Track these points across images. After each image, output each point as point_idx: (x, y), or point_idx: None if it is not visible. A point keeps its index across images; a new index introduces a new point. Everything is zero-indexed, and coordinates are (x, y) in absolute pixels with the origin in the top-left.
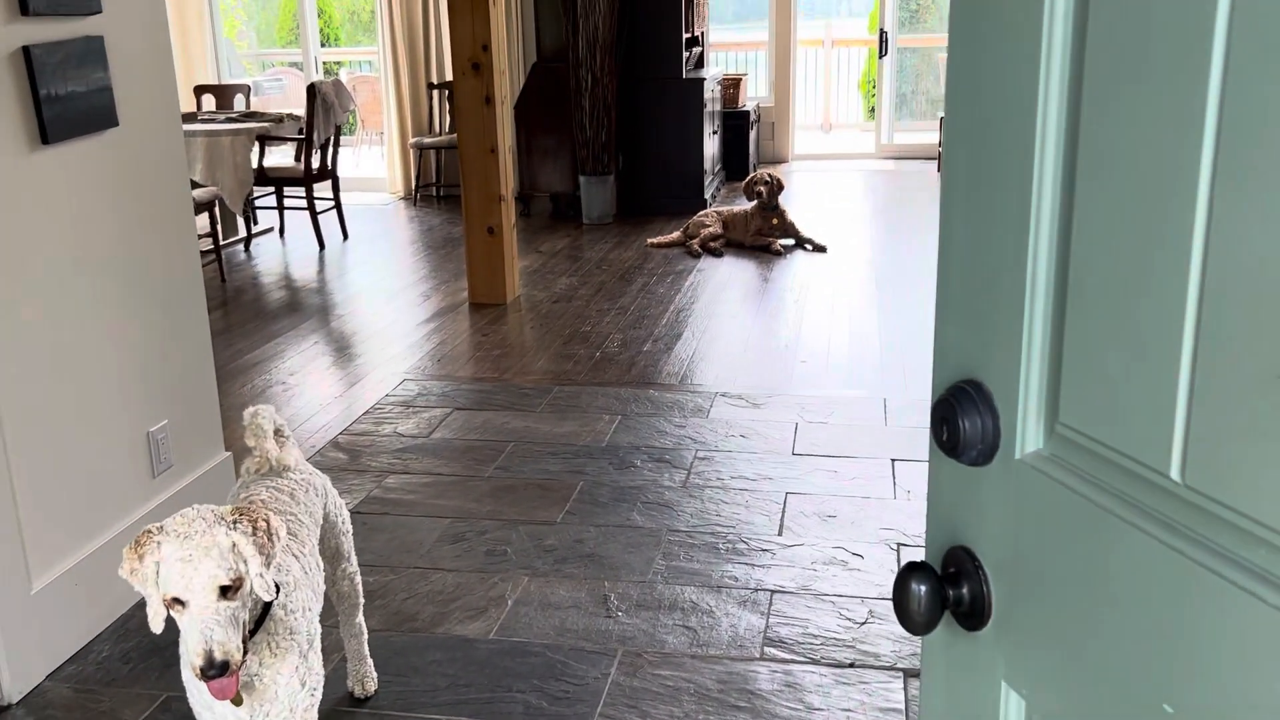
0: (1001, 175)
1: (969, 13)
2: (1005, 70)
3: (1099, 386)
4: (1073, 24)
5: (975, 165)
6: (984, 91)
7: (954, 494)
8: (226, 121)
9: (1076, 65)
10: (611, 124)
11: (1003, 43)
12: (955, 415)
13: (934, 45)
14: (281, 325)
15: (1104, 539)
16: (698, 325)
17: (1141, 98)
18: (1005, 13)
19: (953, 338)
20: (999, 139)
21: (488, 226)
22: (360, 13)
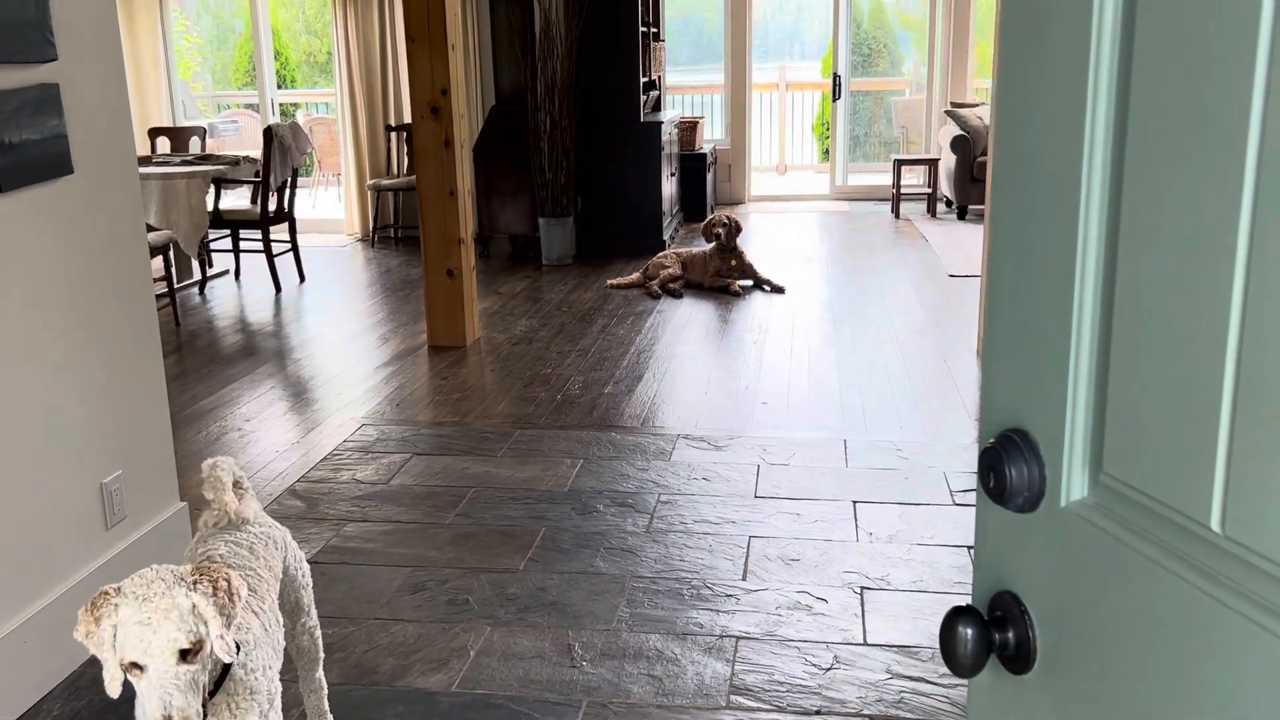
0: (1047, 230)
1: (1017, 75)
2: (1051, 129)
3: (1141, 438)
4: (1116, 90)
5: (1021, 220)
6: (1030, 149)
7: (1000, 539)
8: (182, 164)
9: (1120, 126)
10: (570, 166)
11: (1050, 103)
12: (1002, 463)
13: (886, 89)
14: (237, 370)
15: (1147, 587)
16: (658, 367)
17: (1183, 158)
18: (1051, 78)
19: (999, 387)
20: (1045, 196)
21: (447, 269)
22: (317, 54)
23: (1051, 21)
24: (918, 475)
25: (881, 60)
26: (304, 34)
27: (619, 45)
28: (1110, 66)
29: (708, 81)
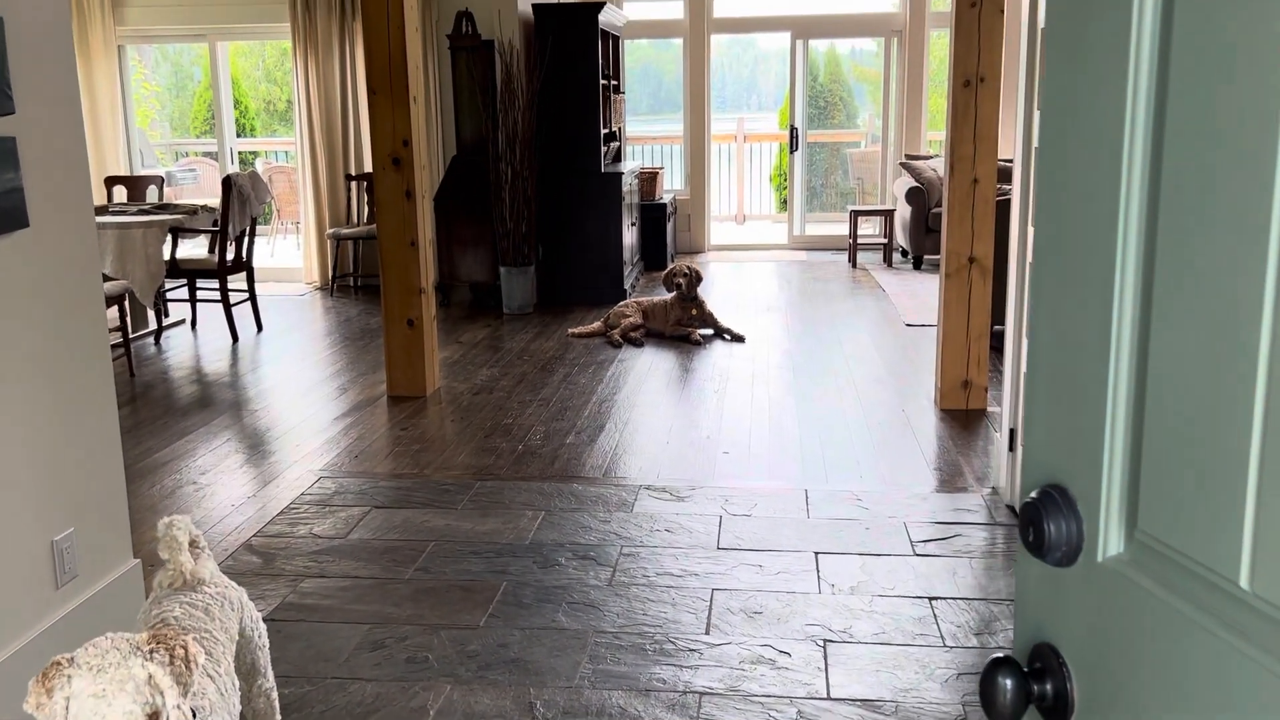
0: (1084, 298)
1: (1054, 138)
2: (1088, 205)
3: (1174, 496)
4: (1149, 171)
5: (1059, 287)
6: (1068, 223)
7: (1040, 593)
8: (139, 213)
9: (1152, 203)
10: (531, 216)
11: (1086, 181)
12: (1041, 518)
13: (842, 140)
14: (193, 421)
15: (1180, 642)
16: (620, 416)
17: (1211, 234)
18: (1087, 160)
19: (1039, 444)
20: (1082, 265)
21: (407, 319)
22: (276, 102)
23: (1086, 108)
24: (878, 525)
25: (838, 113)
26: (264, 82)
27: (580, 97)
28: (1144, 150)
29: (667, 132)
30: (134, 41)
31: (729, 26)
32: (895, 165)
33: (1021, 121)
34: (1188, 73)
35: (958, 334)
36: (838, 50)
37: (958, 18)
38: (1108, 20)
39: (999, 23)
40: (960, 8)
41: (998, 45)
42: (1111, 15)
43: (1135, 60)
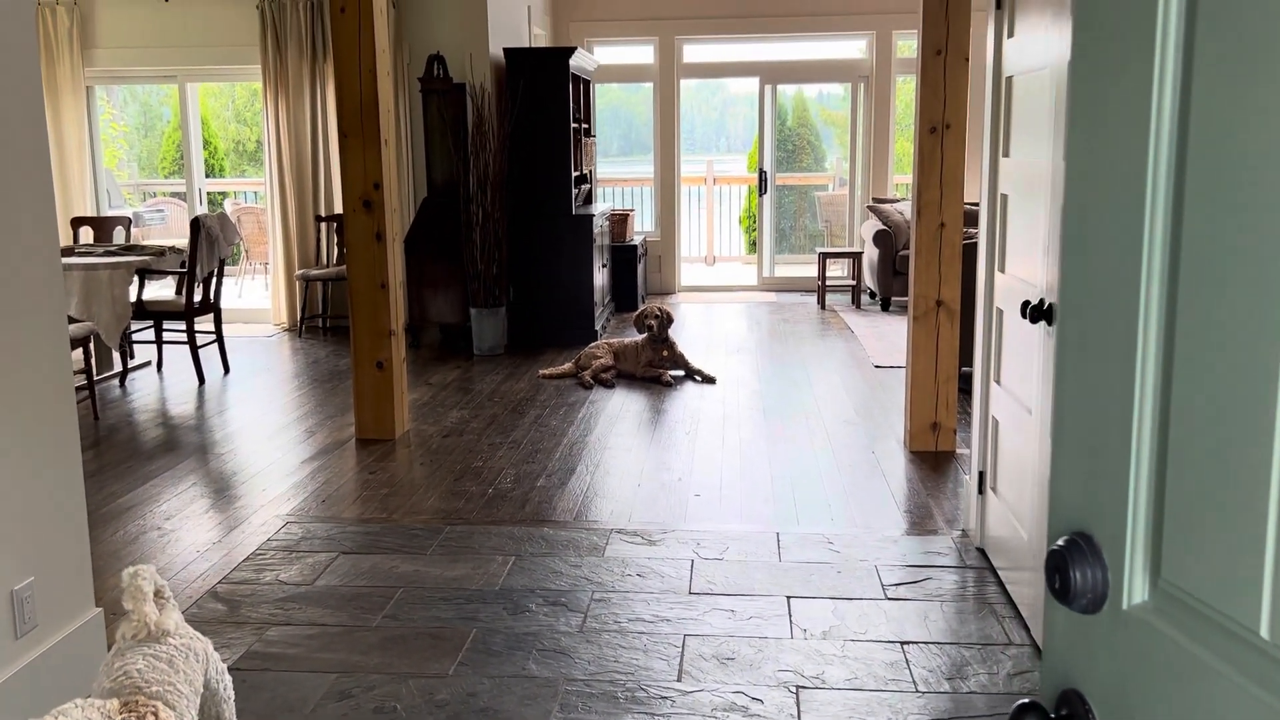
0: (1109, 350)
1: (1078, 201)
2: (1113, 263)
3: (1196, 546)
4: (1170, 218)
5: (1084, 339)
6: (1093, 281)
7: (1066, 638)
8: (105, 255)
9: (1173, 264)
10: (503, 257)
11: (1108, 233)
12: (1067, 565)
13: (810, 183)
14: (157, 466)
15: (1202, 691)
16: (591, 459)
17: (1230, 292)
18: (1110, 204)
19: (1066, 492)
20: (1107, 320)
21: (377, 361)
22: (246, 142)
23: (1108, 172)
24: (850, 569)
25: (805, 156)
26: (233, 122)
27: (550, 140)
28: (1165, 211)
29: (638, 174)
30: (103, 82)
31: (698, 72)
32: (863, 208)
33: (987, 167)
34: (1207, 139)
35: (926, 376)
36: (805, 94)
37: (923, 66)
38: (1128, 88)
39: (964, 71)
40: (926, 56)
41: (962, 93)
42: (1132, 83)
43: (1156, 126)
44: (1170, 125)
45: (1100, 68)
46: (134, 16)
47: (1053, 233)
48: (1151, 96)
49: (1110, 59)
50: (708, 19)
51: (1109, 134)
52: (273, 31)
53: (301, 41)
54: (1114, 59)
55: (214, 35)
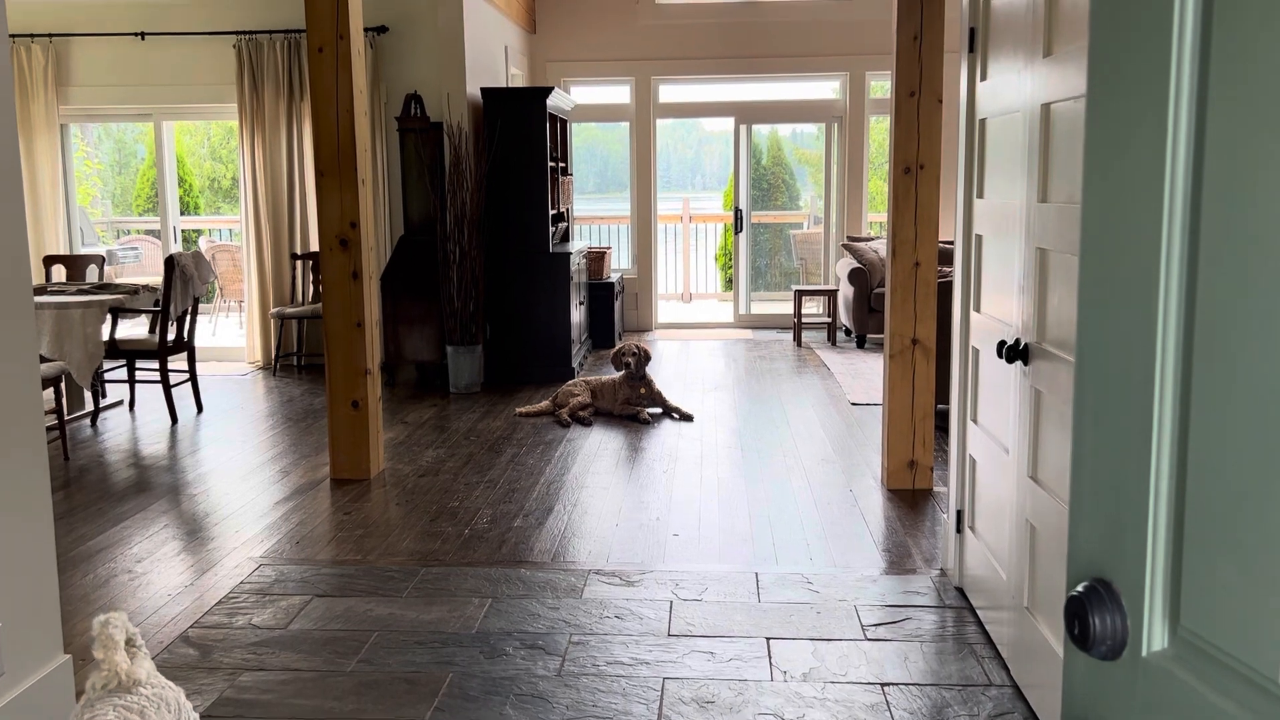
0: (1126, 397)
1: (1095, 245)
2: (1127, 304)
3: (1215, 594)
4: (1186, 276)
5: (1102, 385)
6: (1109, 321)
7: (1085, 685)
8: (78, 293)
9: (1189, 314)
10: (479, 295)
11: (1124, 279)
12: (1086, 612)
13: (785, 221)
14: (128, 507)
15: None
16: (569, 498)
17: (1248, 334)
18: (1127, 260)
19: (1084, 538)
20: (1124, 365)
21: (352, 400)
22: (221, 179)
23: (1123, 218)
24: (829, 609)
25: (780, 195)
26: (209, 159)
27: (528, 179)
28: (1180, 255)
29: (615, 210)
30: (78, 120)
31: (674, 111)
32: (838, 246)
33: (961, 206)
34: (1220, 196)
35: (903, 414)
36: (779, 133)
37: (897, 107)
38: (1142, 143)
39: (937, 112)
40: (900, 97)
41: (936, 133)
42: (1146, 137)
43: (1170, 182)
44: (1184, 180)
45: (1114, 123)
46: (110, 54)
47: (1027, 273)
48: (1166, 153)
49: (1125, 115)
50: (683, 60)
51: (1124, 189)
52: (249, 70)
53: (278, 80)
54: (1129, 115)
55: (190, 74)
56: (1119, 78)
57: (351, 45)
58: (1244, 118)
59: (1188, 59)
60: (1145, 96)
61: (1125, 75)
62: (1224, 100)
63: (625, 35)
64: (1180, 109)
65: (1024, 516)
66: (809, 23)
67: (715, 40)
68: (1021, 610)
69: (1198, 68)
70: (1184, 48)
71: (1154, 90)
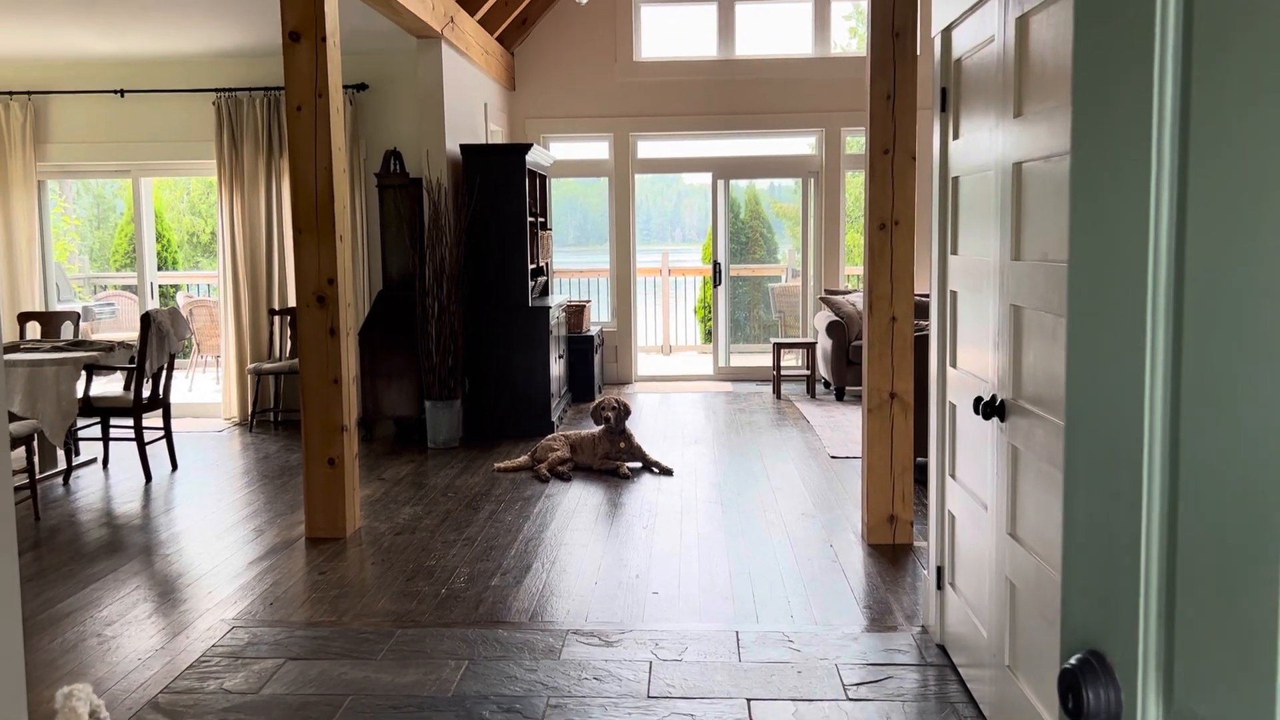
0: (1116, 468)
1: (1082, 324)
2: (1116, 377)
3: (1207, 670)
4: (1172, 340)
5: (1092, 456)
6: (1097, 395)
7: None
8: (52, 350)
9: (1175, 385)
10: (458, 349)
11: (1113, 360)
12: (1080, 685)
13: (763, 275)
14: (100, 568)
15: None
16: (547, 555)
17: (1231, 417)
18: (1112, 324)
19: (1077, 608)
20: (1112, 437)
21: (328, 458)
22: (200, 234)
23: (1110, 300)
24: (810, 669)
25: (759, 248)
26: (188, 214)
27: (507, 234)
28: (1166, 332)
29: (595, 263)
30: (55, 176)
31: (652, 167)
32: (815, 299)
33: (936, 262)
34: (1204, 242)
35: (882, 468)
36: (757, 187)
37: (872, 164)
38: (1128, 202)
39: (911, 169)
40: (874, 155)
41: (910, 190)
42: (1131, 197)
43: (1155, 233)
44: (1168, 242)
45: (1098, 186)
46: (89, 111)
47: (1002, 330)
48: (1149, 214)
49: (1108, 177)
50: (661, 116)
51: (1108, 253)
52: (229, 127)
53: (258, 136)
54: (1112, 177)
55: (169, 130)
56: (1102, 139)
57: (330, 103)
58: (1225, 179)
59: (1169, 119)
60: (1128, 158)
61: (1108, 137)
62: (1205, 161)
63: (604, 92)
64: (1162, 172)
65: (1003, 574)
66: (785, 80)
67: (693, 97)
68: (1003, 669)
69: (1179, 131)
70: (1165, 108)
71: (1136, 151)
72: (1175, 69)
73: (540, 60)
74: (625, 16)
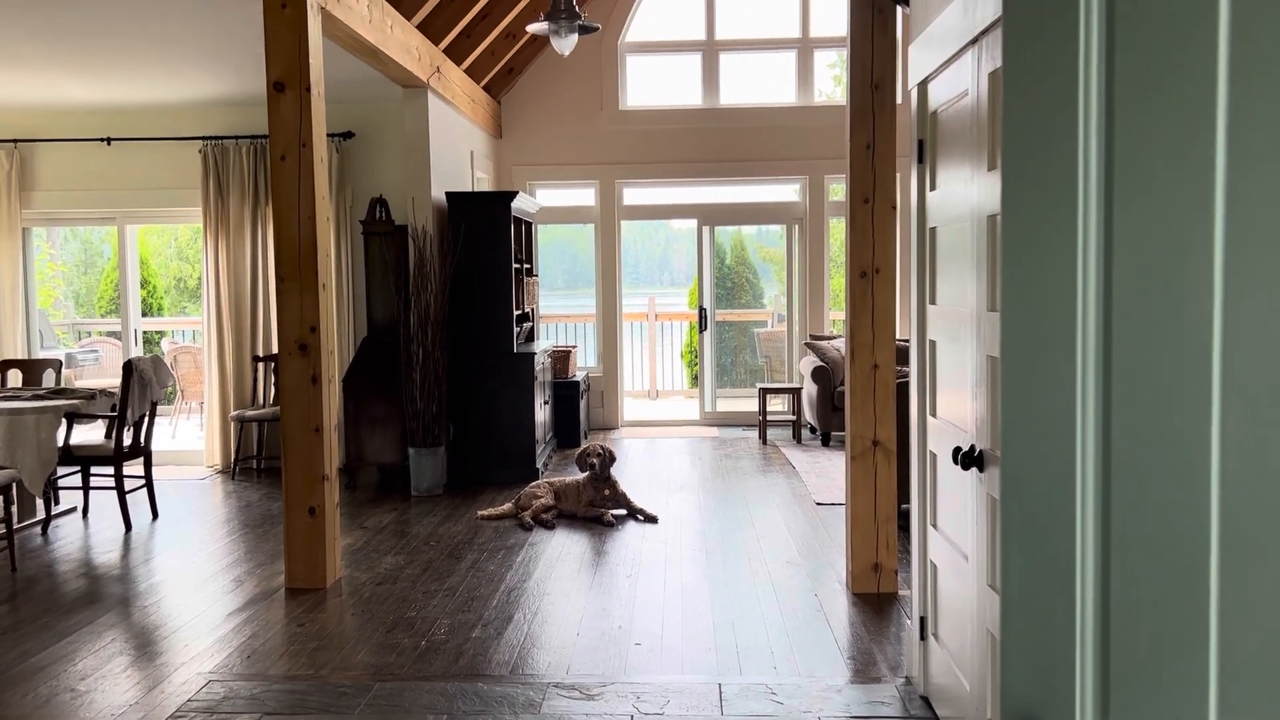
0: (1052, 526)
1: (1014, 377)
2: (1046, 452)
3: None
4: (1102, 402)
5: (1028, 516)
6: (1030, 457)
7: None
8: (33, 398)
9: (1105, 463)
10: (442, 396)
11: (1042, 434)
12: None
13: (749, 319)
14: (76, 620)
15: None
16: (529, 605)
17: (1159, 485)
18: (1044, 381)
19: (1014, 675)
20: (1047, 496)
21: (309, 507)
22: (188, 279)
23: (1042, 352)
24: None
25: (744, 293)
26: (175, 259)
27: (493, 280)
28: (1096, 393)
29: (582, 307)
30: (40, 224)
31: (638, 214)
32: (801, 344)
33: (915, 311)
34: (1128, 316)
35: (866, 516)
36: (743, 233)
37: (852, 213)
38: (1058, 264)
39: (891, 218)
40: (854, 204)
41: (891, 239)
42: (1060, 261)
43: (1084, 300)
44: (1096, 317)
45: (1028, 246)
46: (75, 159)
47: (980, 380)
48: (1078, 276)
49: (1038, 238)
50: (646, 164)
51: (1037, 316)
52: (215, 174)
53: (244, 184)
54: (1042, 239)
55: (155, 178)
56: (1031, 205)
57: (314, 153)
58: (1145, 247)
59: (1094, 186)
60: (1056, 226)
61: (1037, 203)
62: (1128, 234)
63: (590, 140)
64: (1089, 242)
65: (985, 626)
66: (769, 128)
67: (678, 145)
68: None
69: (1103, 199)
70: (1090, 175)
71: (1063, 219)
72: (1099, 139)
73: (527, 108)
74: (611, 66)
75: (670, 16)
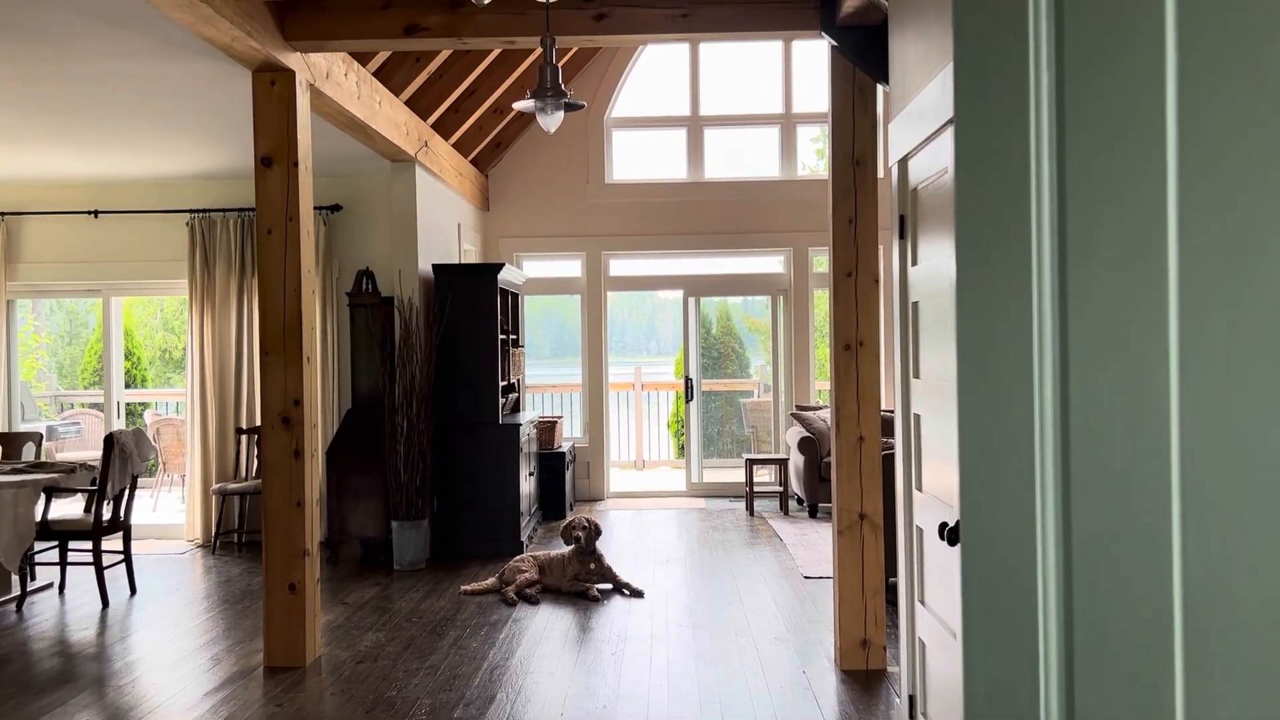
0: (1014, 589)
1: (973, 442)
2: (1005, 507)
3: None
4: (1060, 451)
5: (989, 605)
6: (990, 523)
7: None
8: (12, 472)
9: (1067, 550)
10: (426, 468)
11: (1005, 526)
12: None
13: (735, 389)
14: (49, 700)
15: None
16: (512, 685)
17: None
18: (1002, 446)
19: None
20: (1008, 587)
21: (289, 583)
22: (173, 349)
23: (1000, 411)
24: None
25: (730, 363)
26: (161, 330)
27: (478, 352)
28: (1055, 444)
29: (568, 376)
30: (25, 296)
31: (624, 285)
32: (787, 414)
33: (899, 385)
34: (1081, 376)
35: (853, 591)
36: (729, 303)
37: (835, 286)
38: (1013, 321)
39: (874, 291)
40: (837, 277)
41: (874, 311)
42: (1015, 317)
43: (1040, 356)
44: (1053, 358)
45: (982, 313)
46: (62, 232)
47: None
48: (1033, 332)
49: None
50: (632, 236)
51: (995, 359)
52: (201, 247)
53: (230, 256)
54: (995, 305)
55: (142, 250)
56: (984, 287)
57: (300, 227)
58: (1101, 335)
59: (1048, 269)
60: (1009, 275)
61: (990, 285)
62: (1081, 320)
63: (576, 212)
64: (1045, 324)
65: None
66: (753, 201)
67: (663, 217)
68: None
69: (1058, 282)
70: (1043, 259)
71: (1019, 268)
72: (1052, 228)
73: (514, 182)
74: (597, 140)
75: (655, 93)
